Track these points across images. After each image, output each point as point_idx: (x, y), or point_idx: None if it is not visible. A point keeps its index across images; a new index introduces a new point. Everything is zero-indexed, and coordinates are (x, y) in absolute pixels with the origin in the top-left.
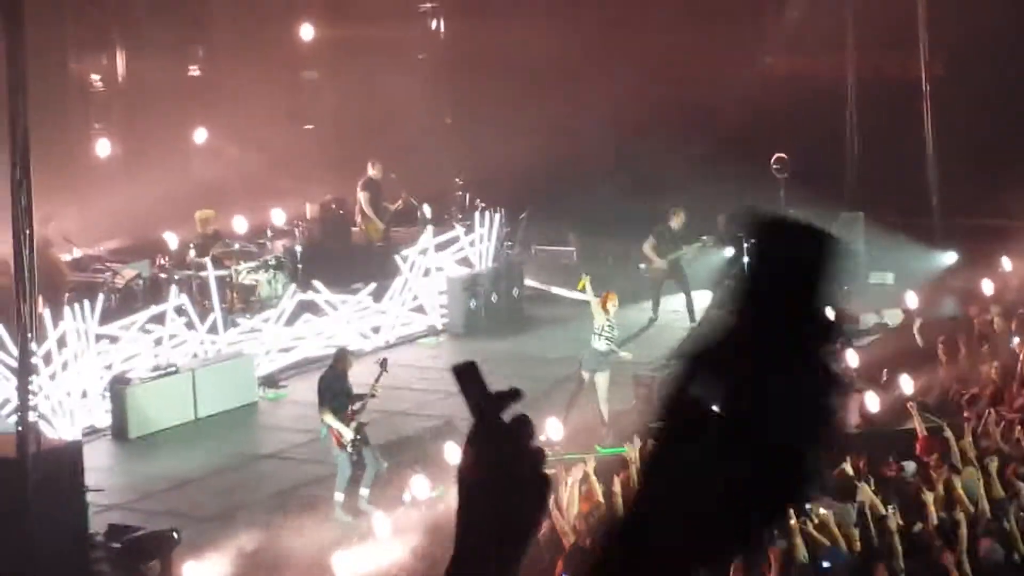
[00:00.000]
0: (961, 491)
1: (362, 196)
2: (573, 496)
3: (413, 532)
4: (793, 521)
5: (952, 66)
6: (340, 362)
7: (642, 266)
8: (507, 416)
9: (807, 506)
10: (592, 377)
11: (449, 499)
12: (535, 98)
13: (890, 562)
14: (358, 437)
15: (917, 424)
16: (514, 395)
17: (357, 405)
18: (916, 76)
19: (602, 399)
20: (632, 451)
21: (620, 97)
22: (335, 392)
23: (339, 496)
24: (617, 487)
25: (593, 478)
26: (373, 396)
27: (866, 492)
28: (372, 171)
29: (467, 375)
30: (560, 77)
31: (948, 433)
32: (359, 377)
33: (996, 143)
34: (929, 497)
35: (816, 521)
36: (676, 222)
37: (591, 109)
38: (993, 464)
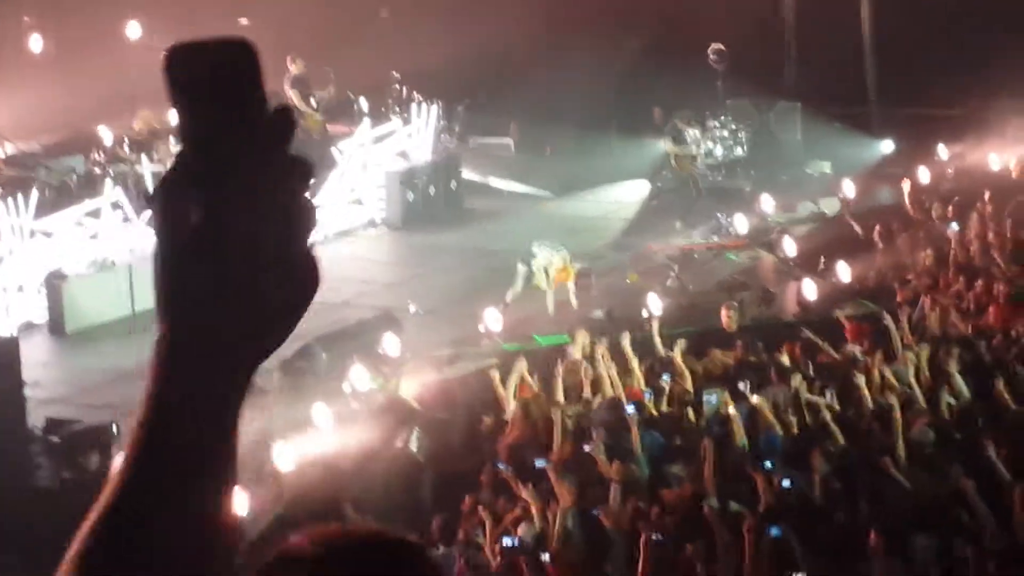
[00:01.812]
0: (892, 376)
1: (292, 94)
2: (510, 388)
3: (352, 422)
4: (731, 409)
5: None
6: None
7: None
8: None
9: (745, 391)
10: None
11: (389, 389)
12: None
13: (825, 445)
14: None
15: (841, 316)
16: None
17: None
18: None
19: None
20: (577, 341)
21: None
22: None
23: None
24: (559, 373)
25: (525, 373)
26: None
27: (798, 378)
28: (293, 68)
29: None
30: None
31: (888, 320)
32: None
33: (933, 32)
34: (862, 381)
35: (752, 405)
36: (682, 120)
37: (526, 2)
38: (925, 351)
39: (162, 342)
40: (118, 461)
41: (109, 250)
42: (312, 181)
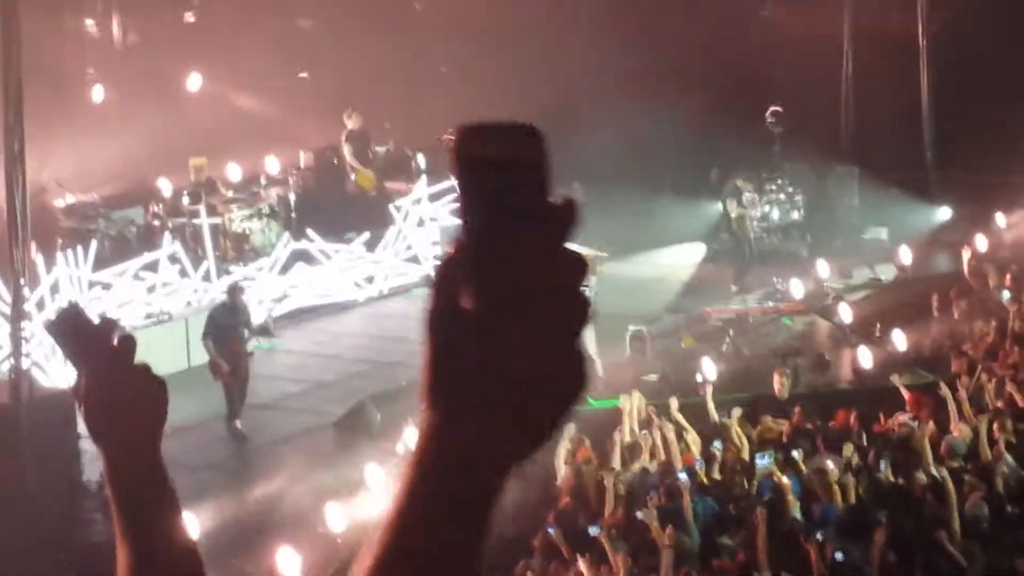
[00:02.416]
0: (947, 448)
1: (346, 149)
2: (560, 453)
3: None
4: (784, 479)
5: (949, 21)
6: (232, 296)
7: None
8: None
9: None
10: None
11: None
12: (532, 48)
13: (879, 517)
14: (236, 369)
15: (899, 384)
16: None
17: (248, 336)
18: (913, 30)
19: (592, 352)
20: (627, 403)
21: (616, 48)
22: (220, 325)
23: (237, 423)
24: (614, 438)
25: (574, 437)
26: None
27: (849, 448)
28: (349, 122)
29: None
30: (557, 28)
31: (945, 390)
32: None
33: (991, 99)
34: (921, 450)
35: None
36: (742, 182)
37: (586, 60)
38: (982, 423)
39: (430, 431)
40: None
41: (166, 303)
42: (584, 277)
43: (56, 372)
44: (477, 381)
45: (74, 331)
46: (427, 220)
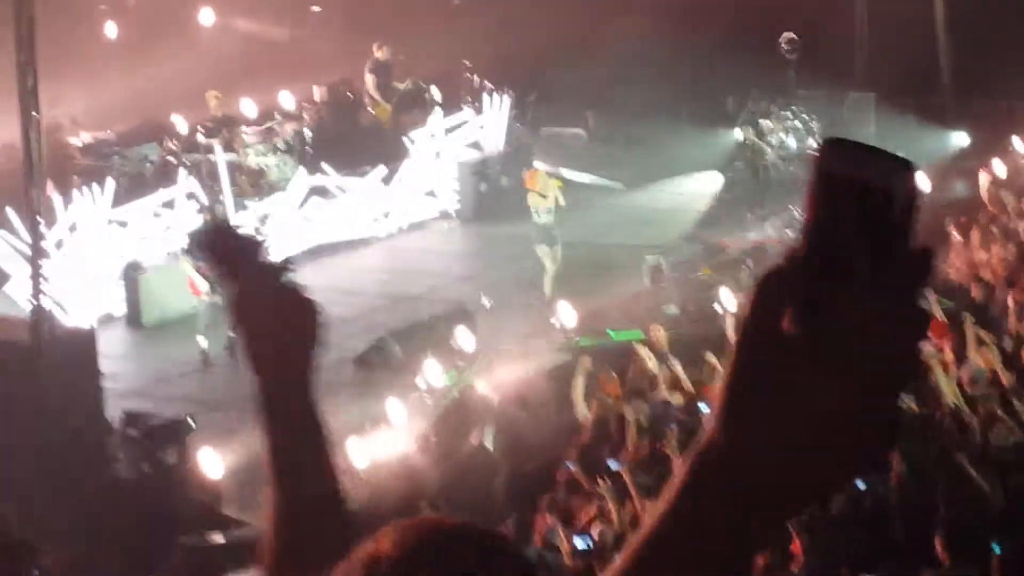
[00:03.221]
0: (969, 375)
1: (369, 79)
2: (578, 387)
3: (426, 417)
4: None
5: None
6: (218, 214)
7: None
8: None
9: None
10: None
11: (462, 383)
12: None
13: (903, 446)
14: (214, 287)
15: (935, 310)
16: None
17: None
18: None
19: (549, 274)
20: (652, 335)
21: None
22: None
23: (202, 340)
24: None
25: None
26: None
27: None
28: (378, 53)
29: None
30: None
31: (966, 317)
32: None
33: (1008, 21)
34: (942, 379)
35: None
36: (756, 108)
37: None
38: (998, 350)
39: (711, 451)
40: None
41: (184, 241)
42: (924, 336)
43: (76, 311)
44: (780, 418)
45: (223, 245)
46: (442, 153)
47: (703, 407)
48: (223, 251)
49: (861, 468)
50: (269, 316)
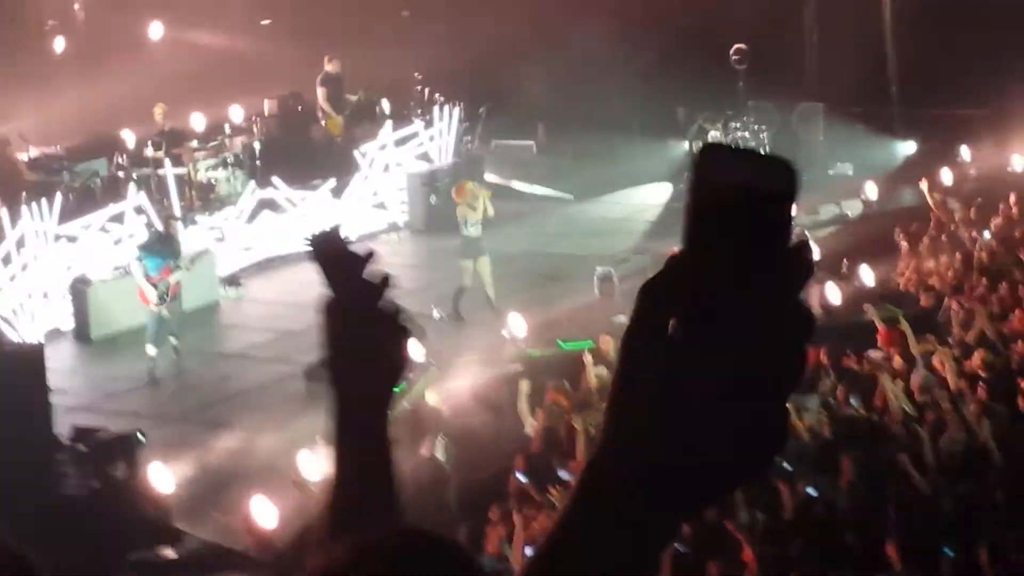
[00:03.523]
0: (918, 382)
1: (320, 92)
2: (523, 400)
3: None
4: None
5: None
6: (168, 227)
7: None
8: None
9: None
10: (475, 265)
11: (413, 396)
12: None
13: (851, 453)
14: (164, 296)
15: (875, 318)
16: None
17: (173, 267)
18: None
19: (488, 284)
20: (601, 346)
21: None
22: (151, 252)
23: (151, 349)
24: (584, 380)
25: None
26: (187, 269)
27: (826, 383)
28: (329, 66)
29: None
30: None
31: (904, 325)
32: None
33: (955, 33)
34: (890, 386)
35: None
36: (707, 122)
37: (549, 3)
38: (948, 355)
39: (602, 457)
40: (150, 472)
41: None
42: (810, 333)
43: (24, 326)
44: (663, 419)
45: (333, 254)
46: (392, 166)
47: None
48: (333, 259)
49: (753, 469)
50: (362, 336)
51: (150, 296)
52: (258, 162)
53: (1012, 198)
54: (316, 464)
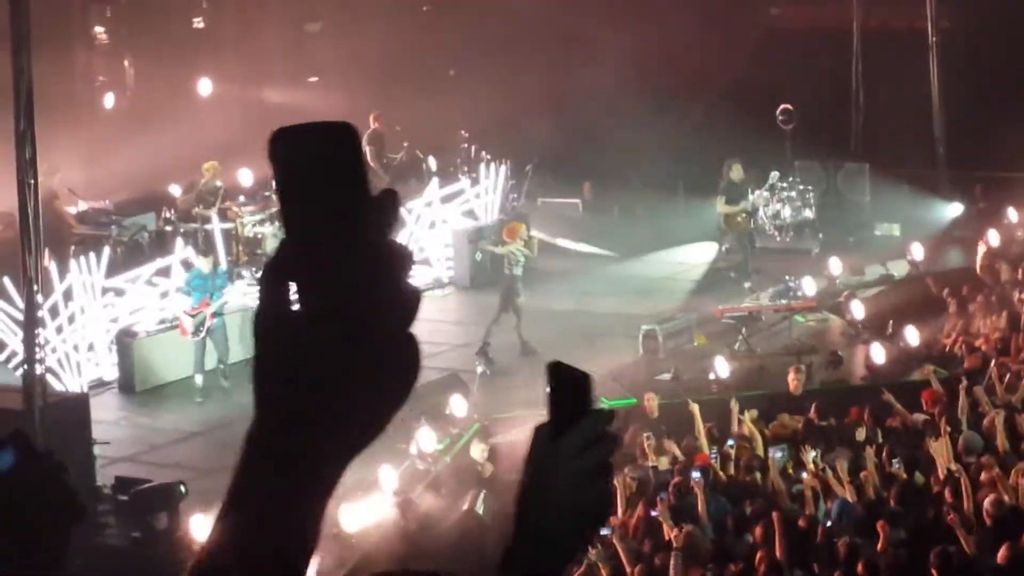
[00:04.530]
0: (964, 444)
1: (366, 150)
2: None
3: (418, 484)
4: (806, 475)
5: (957, 16)
6: (213, 265)
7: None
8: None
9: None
10: (518, 302)
11: (456, 451)
12: (539, 50)
13: (895, 513)
14: (200, 327)
15: (932, 381)
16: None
17: (212, 301)
18: (922, 26)
19: (522, 322)
20: (645, 403)
21: (626, 49)
22: (193, 287)
23: (198, 378)
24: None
25: None
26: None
27: (871, 446)
28: (375, 124)
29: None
30: (564, 29)
31: (963, 385)
32: None
33: (1001, 94)
34: (937, 448)
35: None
36: (736, 174)
37: (596, 62)
38: (1000, 416)
39: (249, 431)
40: (192, 523)
41: (179, 308)
42: (411, 267)
43: (69, 378)
44: (296, 382)
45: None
46: (438, 222)
47: (695, 475)
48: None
49: (394, 396)
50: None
51: (187, 326)
52: None
53: None
54: (356, 516)
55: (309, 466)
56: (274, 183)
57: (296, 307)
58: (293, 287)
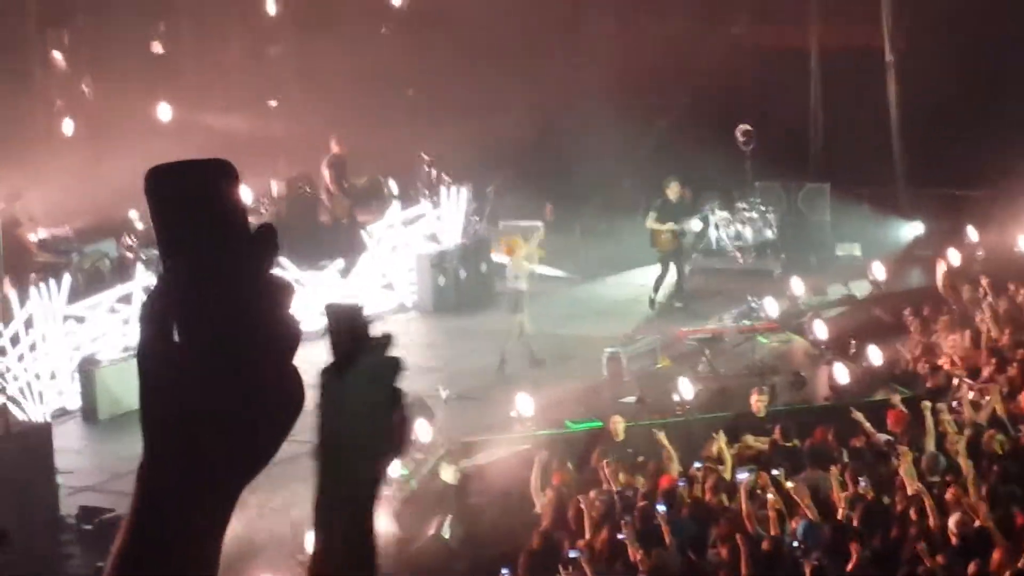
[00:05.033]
0: (928, 463)
1: (327, 173)
2: (535, 478)
3: (383, 509)
4: (771, 497)
5: (915, 37)
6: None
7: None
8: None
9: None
10: (524, 316)
11: (420, 476)
12: (499, 71)
13: (862, 533)
14: None
15: (895, 401)
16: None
17: None
18: (879, 47)
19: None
20: (610, 426)
21: (587, 71)
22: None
23: None
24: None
25: (542, 464)
26: None
27: (834, 470)
28: (335, 148)
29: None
30: (523, 49)
31: (926, 405)
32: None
33: (959, 114)
34: (903, 467)
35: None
36: (673, 193)
37: (557, 83)
38: (962, 437)
39: (141, 468)
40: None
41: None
42: (292, 299)
43: (31, 407)
44: (181, 418)
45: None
46: (400, 246)
47: (660, 508)
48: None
49: (280, 429)
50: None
51: None
52: None
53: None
54: None
55: (199, 499)
56: (153, 217)
57: (176, 341)
58: (172, 322)
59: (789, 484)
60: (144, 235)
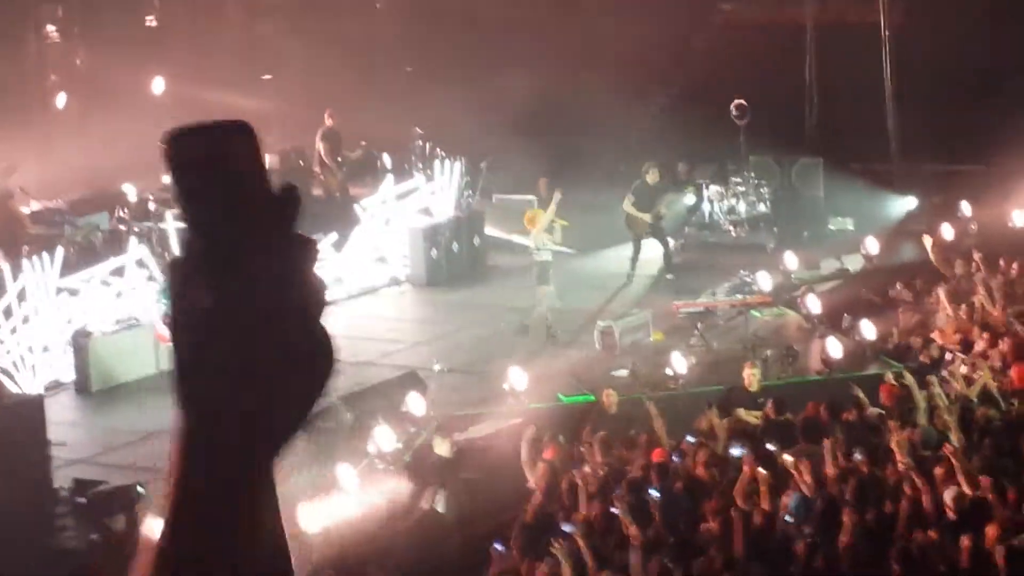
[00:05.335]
0: (920, 437)
1: (321, 146)
2: (524, 453)
3: (377, 483)
4: (761, 471)
5: (911, 12)
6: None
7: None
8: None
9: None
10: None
11: (414, 449)
12: (495, 47)
13: (855, 507)
14: None
15: (888, 375)
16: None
17: None
18: (875, 22)
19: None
20: (603, 399)
21: (580, 46)
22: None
23: None
24: (585, 434)
25: (532, 438)
26: None
27: (828, 443)
28: (329, 121)
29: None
30: (520, 26)
31: (908, 379)
32: None
33: (954, 89)
34: (897, 441)
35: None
36: (652, 178)
37: (551, 59)
38: (955, 410)
39: (177, 433)
40: (147, 524)
41: (134, 308)
42: (316, 257)
43: (24, 379)
44: (215, 381)
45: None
46: (393, 220)
47: (653, 493)
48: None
49: (314, 391)
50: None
51: (165, 334)
52: None
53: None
54: (317, 516)
55: (245, 457)
56: (173, 183)
57: (208, 302)
58: (201, 285)
59: (788, 458)
60: (136, 208)
